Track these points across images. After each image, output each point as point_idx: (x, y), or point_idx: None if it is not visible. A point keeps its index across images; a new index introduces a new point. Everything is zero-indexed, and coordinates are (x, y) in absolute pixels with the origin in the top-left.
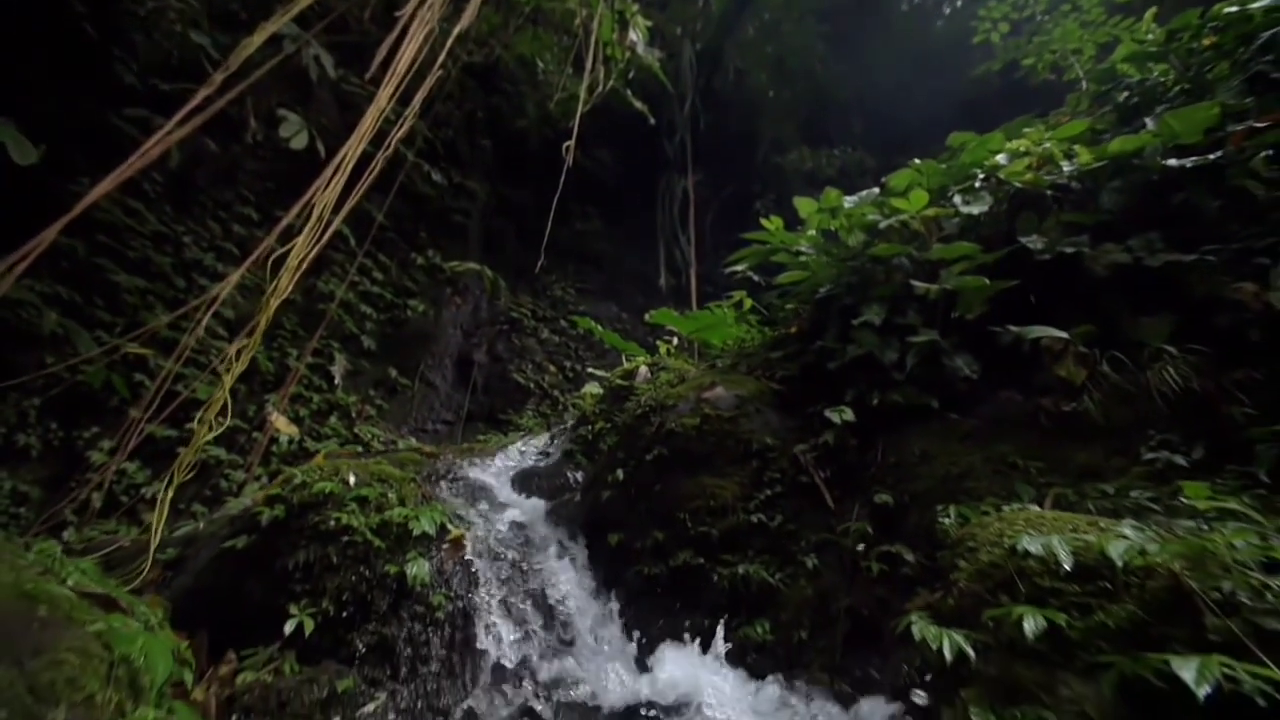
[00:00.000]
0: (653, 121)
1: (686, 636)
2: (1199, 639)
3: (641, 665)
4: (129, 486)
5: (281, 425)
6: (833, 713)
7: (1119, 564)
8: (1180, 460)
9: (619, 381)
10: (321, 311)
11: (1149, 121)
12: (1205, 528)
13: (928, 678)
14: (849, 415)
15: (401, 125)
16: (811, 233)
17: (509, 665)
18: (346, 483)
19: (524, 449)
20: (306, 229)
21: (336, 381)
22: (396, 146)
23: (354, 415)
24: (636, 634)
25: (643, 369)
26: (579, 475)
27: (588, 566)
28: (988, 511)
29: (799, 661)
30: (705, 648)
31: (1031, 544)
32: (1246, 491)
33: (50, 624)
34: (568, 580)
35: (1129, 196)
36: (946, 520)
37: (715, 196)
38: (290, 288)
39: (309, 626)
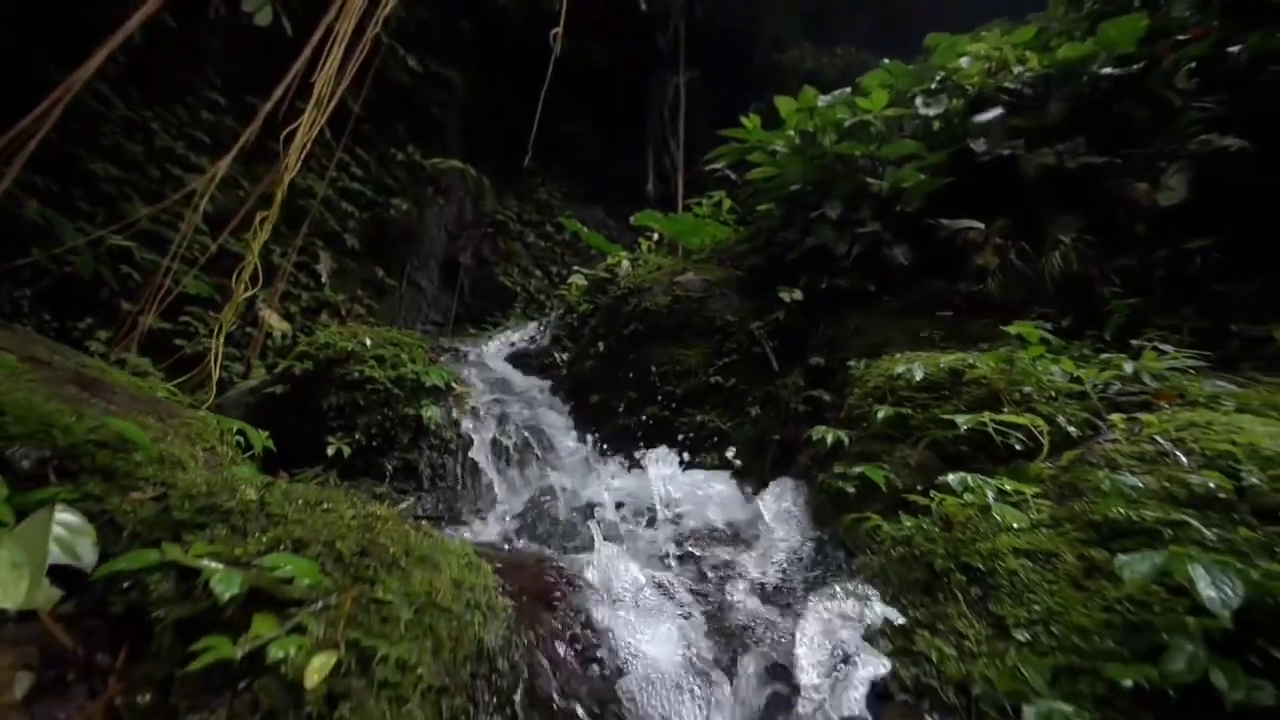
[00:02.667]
0: (645, 7)
1: (652, 461)
2: None
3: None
4: (131, 373)
5: (274, 321)
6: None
7: (944, 368)
8: (1049, 326)
9: (602, 274)
10: (300, 207)
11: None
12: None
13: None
14: (798, 295)
15: (385, 2)
16: (789, 132)
17: (509, 481)
18: (364, 344)
19: (514, 338)
20: (309, 108)
21: (324, 280)
22: (378, 29)
23: (343, 313)
24: (613, 461)
25: (624, 263)
26: (565, 355)
27: (572, 420)
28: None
29: (737, 477)
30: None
31: (900, 368)
32: (1088, 345)
33: (170, 404)
34: (555, 428)
35: (1073, 104)
36: (854, 365)
37: (709, 97)
38: (298, 165)
39: (346, 452)
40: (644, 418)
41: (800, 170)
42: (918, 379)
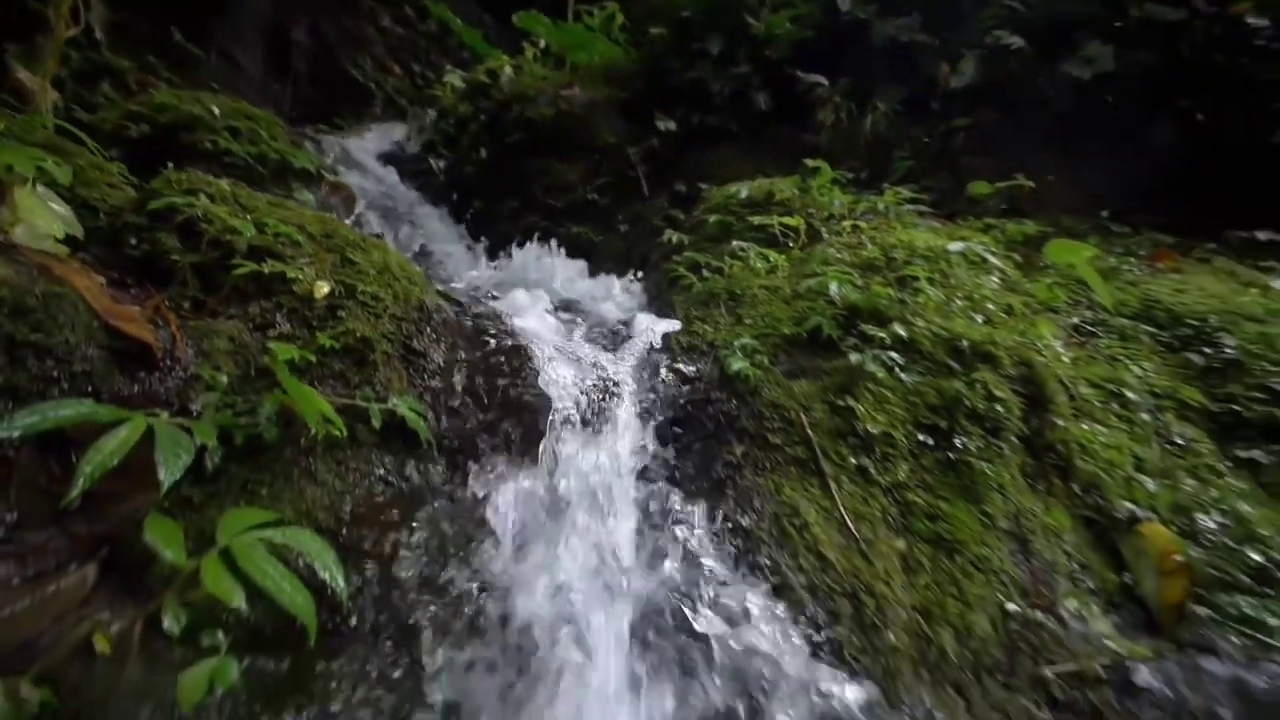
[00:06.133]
0: None
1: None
2: None
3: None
4: None
5: (36, 86)
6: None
7: (762, 190)
8: (852, 175)
9: (482, 78)
10: None
11: None
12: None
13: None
14: (672, 126)
15: None
16: None
17: None
18: (212, 112)
19: (379, 139)
20: None
21: (99, 36)
22: None
23: (133, 85)
24: (497, 257)
25: (507, 69)
26: (442, 163)
27: (454, 225)
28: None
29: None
30: None
31: (734, 188)
32: (872, 191)
33: None
34: (438, 229)
35: None
36: (705, 188)
37: None
38: None
39: None
40: (524, 226)
41: None
42: (743, 197)
